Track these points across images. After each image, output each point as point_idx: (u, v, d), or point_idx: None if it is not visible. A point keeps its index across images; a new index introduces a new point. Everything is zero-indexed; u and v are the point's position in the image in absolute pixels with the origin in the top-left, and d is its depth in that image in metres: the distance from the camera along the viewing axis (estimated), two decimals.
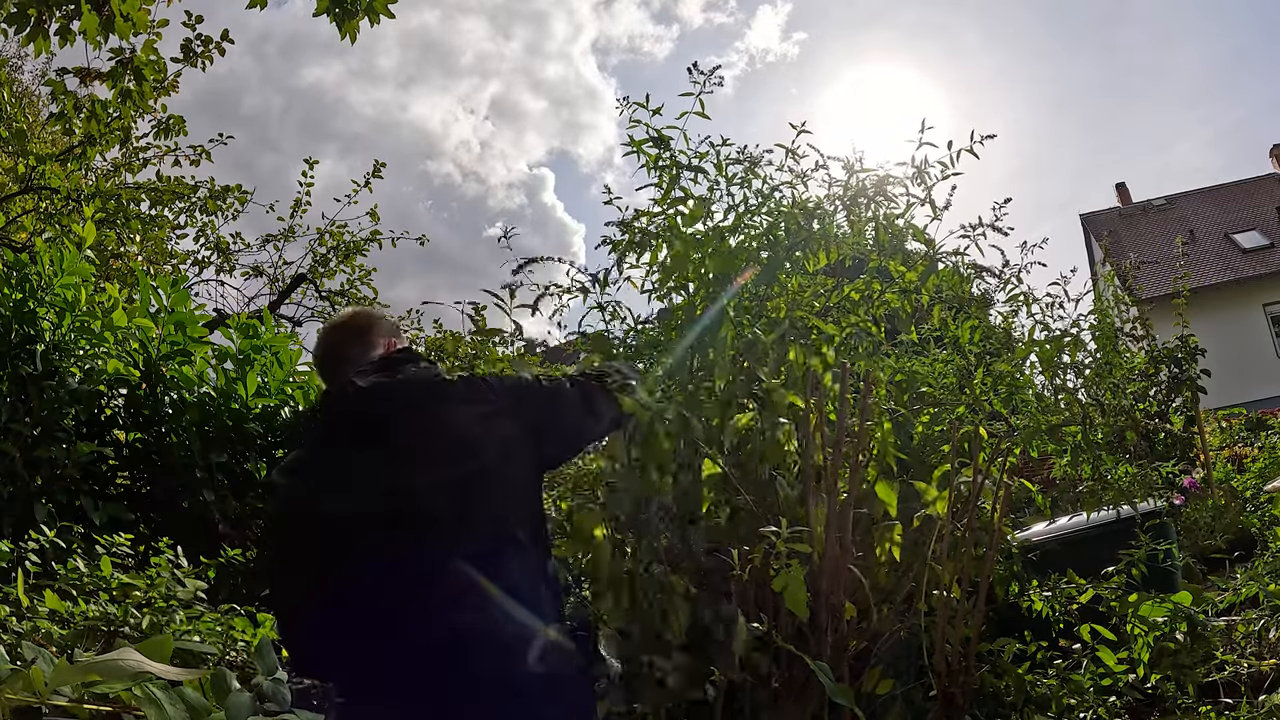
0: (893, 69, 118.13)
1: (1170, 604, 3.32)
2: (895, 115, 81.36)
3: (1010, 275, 3.76)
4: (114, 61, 4.36)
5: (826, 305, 3.41)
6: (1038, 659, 3.31)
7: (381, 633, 1.43)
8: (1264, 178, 26.57)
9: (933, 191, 3.08)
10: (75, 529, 2.73)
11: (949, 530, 2.79)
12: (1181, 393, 7.07)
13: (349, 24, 3.81)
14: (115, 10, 3.71)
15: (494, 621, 1.42)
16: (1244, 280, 21.99)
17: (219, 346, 3.81)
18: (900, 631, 2.78)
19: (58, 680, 1.26)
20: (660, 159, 3.12)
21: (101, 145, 5.72)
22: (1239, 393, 15.59)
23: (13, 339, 3.11)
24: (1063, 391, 4.04)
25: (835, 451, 2.72)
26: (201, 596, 2.49)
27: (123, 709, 1.60)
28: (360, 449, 1.58)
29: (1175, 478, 6.25)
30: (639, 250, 3.20)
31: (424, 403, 1.64)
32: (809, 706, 2.58)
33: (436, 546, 1.48)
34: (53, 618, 2.10)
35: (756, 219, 3.12)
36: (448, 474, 1.54)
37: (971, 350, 4.20)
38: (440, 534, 1.50)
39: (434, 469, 1.54)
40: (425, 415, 1.62)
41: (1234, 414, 10.71)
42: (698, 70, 3.05)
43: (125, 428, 3.48)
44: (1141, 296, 11.20)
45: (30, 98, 12.60)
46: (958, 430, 2.96)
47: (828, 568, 2.56)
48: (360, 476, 1.56)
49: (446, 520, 1.51)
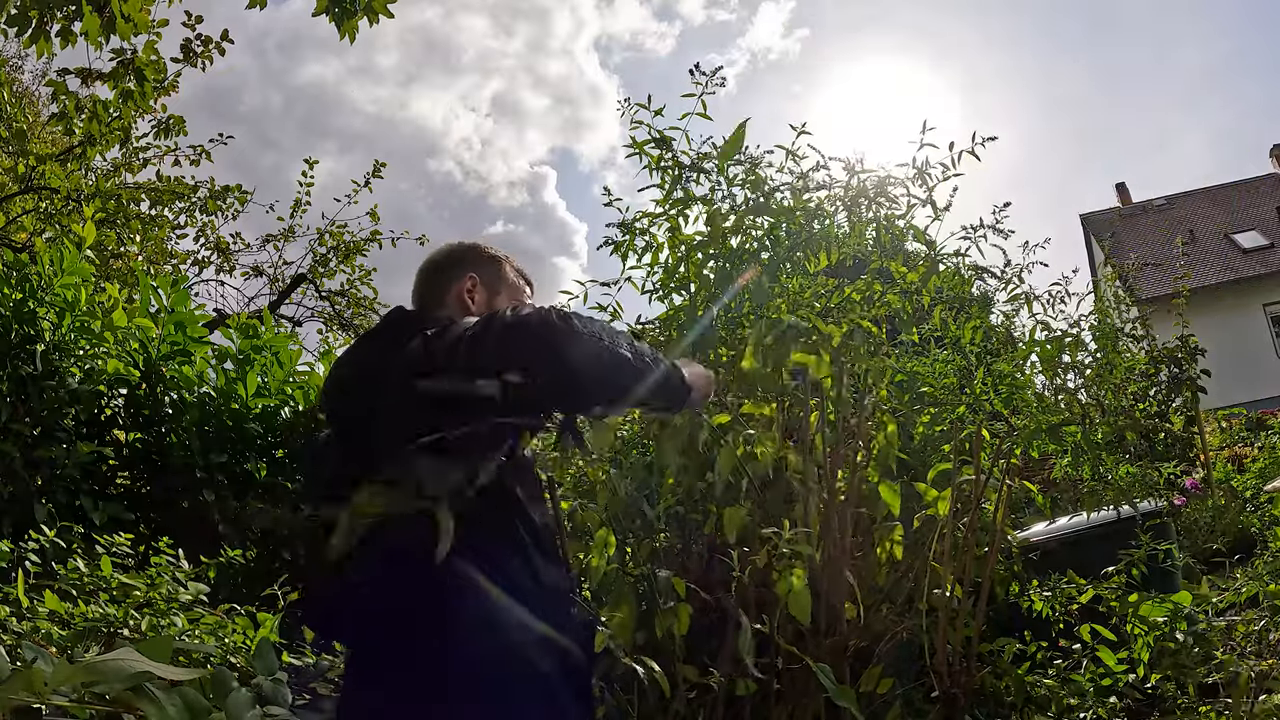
0: (894, 68, 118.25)
1: (1170, 604, 3.31)
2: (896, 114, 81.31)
3: (1011, 275, 3.76)
4: (115, 62, 4.36)
5: (827, 306, 3.41)
6: (1038, 659, 3.31)
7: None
8: (1264, 178, 26.58)
9: (934, 193, 3.09)
10: (75, 529, 2.73)
11: (950, 530, 2.79)
12: (1181, 393, 7.07)
13: (348, 23, 3.81)
14: (116, 11, 3.71)
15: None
16: (1244, 280, 21.99)
17: (219, 346, 3.81)
18: (901, 632, 2.78)
19: (57, 680, 1.26)
20: (662, 160, 3.13)
21: (102, 145, 5.73)
22: (1239, 393, 15.58)
23: (13, 339, 3.11)
24: (1063, 391, 4.04)
25: (835, 452, 2.72)
26: (203, 598, 2.49)
27: (123, 709, 1.60)
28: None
29: (1176, 479, 6.25)
30: (640, 251, 3.20)
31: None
32: (809, 707, 2.58)
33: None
34: (53, 618, 2.10)
35: (757, 219, 3.12)
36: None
37: (972, 350, 4.20)
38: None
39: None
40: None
41: (1234, 414, 10.72)
42: (699, 71, 3.06)
43: (125, 428, 3.48)
44: (1141, 296, 11.20)
45: (30, 98, 12.60)
46: (959, 430, 2.96)
47: (828, 569, 2.56)
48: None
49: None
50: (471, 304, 1.60)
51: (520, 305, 1.59)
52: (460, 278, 1.63)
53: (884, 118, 58.25)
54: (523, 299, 1.68)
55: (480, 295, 1.62)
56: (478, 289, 1.62)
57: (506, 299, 1.64)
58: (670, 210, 3.13)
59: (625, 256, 3.22)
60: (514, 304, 1.58)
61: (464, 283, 1.62)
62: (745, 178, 3.16)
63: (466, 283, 1.62)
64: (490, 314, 1.37)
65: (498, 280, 1.66)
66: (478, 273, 1.64)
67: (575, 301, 3.40)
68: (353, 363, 1.57)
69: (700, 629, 2.58)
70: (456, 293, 1.61)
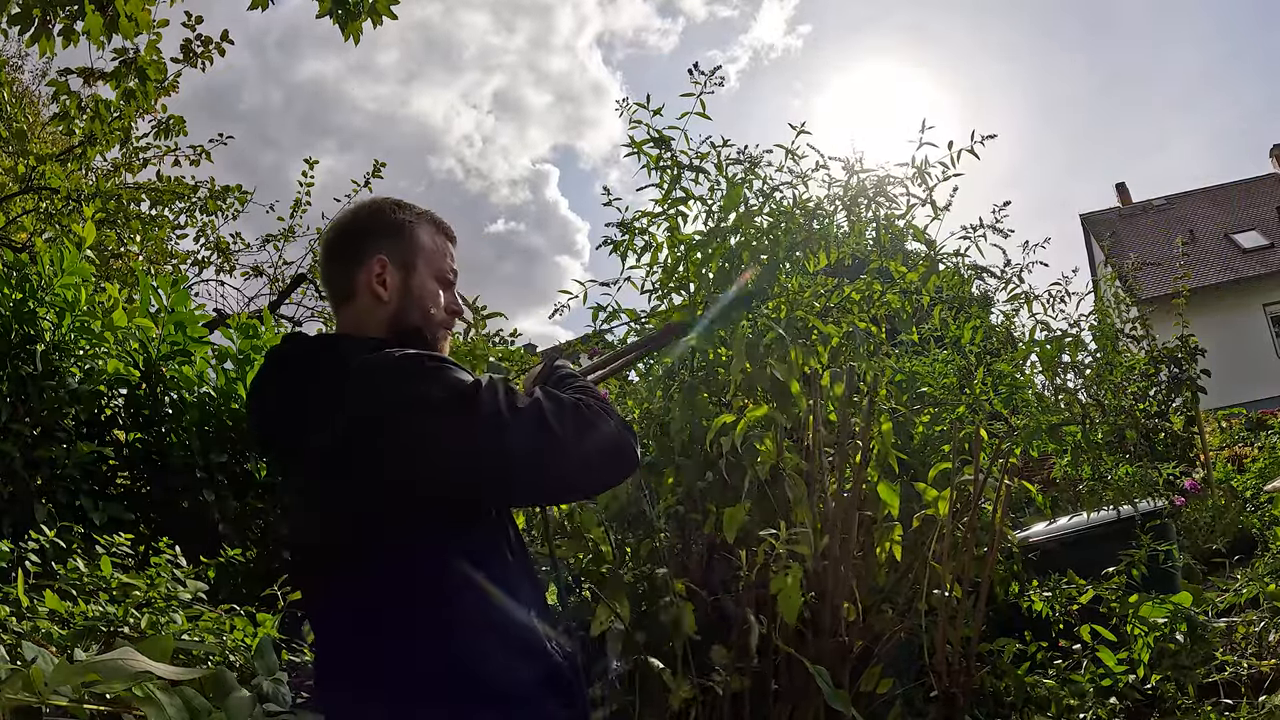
0: (895, 68, 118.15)
1: (1170, 605, 3.32)
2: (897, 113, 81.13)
3: (1011, 275, 3.76)
4: (117, 61, 4.36)
5: (827, 305, 3.41)
6: (1038, 659, 3.31)
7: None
8: (1264, 178, 26.58)
9: (934, 192, 3.08)
10: (75, 529, 2.73)
11: (949, 530, 2.79)
12: (1181, 393, 7.06)
13: (352, 25, 3.81)
14: (119, 10, 3.72)
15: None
16: (1244, 280, 22.00)
17: (219, 346, 3.80)
18: (900, 632, 2.78)
19: (57, 680, 1.26)
20: (661, 159, 3.13)
21: (102, 145, 5.73)
22: (1239, 393, 15.58)
23: (13, 339, 3.11)
24: (1063, 391, 4.04)
25: (836, 452, 2.72)
26: (202, 597, 2.49)
27: (123, 709, 1.60)
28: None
29: (1176, 479, 6.25)
30: (640, 251, 3.20)
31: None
32: (809, 707, 2.58)
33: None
34: (52, 618, 2.10)
35: (757, 219, 3.12)
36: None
37: (972, 350, 4.20)
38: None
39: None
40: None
41: (1234, 414, 10.71)
42: (698, 71, 3.06)
43: (125, 428, 3.48)
44: (1141, 296, 11.20)
45: (30, 98, 12.60)
46: (958, 430, 2.96)
47: (829, 569, 2.56)
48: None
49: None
50: (384, 291, 1.38)
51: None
52: (365, 261, 1.38)
53: (885, 117, 58.22)
54: (445, 264, 1.46)
55: (393, 279, 1.39)
56: (389, 272, 1.39)
57: (424, 273, 1.42)
58: (669, 210, 3.13)
59: (625, 256, 3.23)
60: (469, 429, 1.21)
61: (371, 266, 1.38)
62: (745, 177, 3.16)
63: (375, 267, 1.38)
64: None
65: (412, 252, 1.41)
66: (387, 251, 1.39)
67: (575, 302, 3.40)
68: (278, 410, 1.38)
69: (701, 629, 2.58)
70: (365, 281, 1.38)
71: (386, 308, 1.39)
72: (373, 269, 1.38)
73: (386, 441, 1.20)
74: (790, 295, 3.20)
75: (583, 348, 4.25)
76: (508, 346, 4.37)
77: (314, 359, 1.34)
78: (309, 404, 1.30)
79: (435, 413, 1.19)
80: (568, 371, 1.54)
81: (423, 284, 1.42)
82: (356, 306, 1.40)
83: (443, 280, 1.46)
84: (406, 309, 1.40)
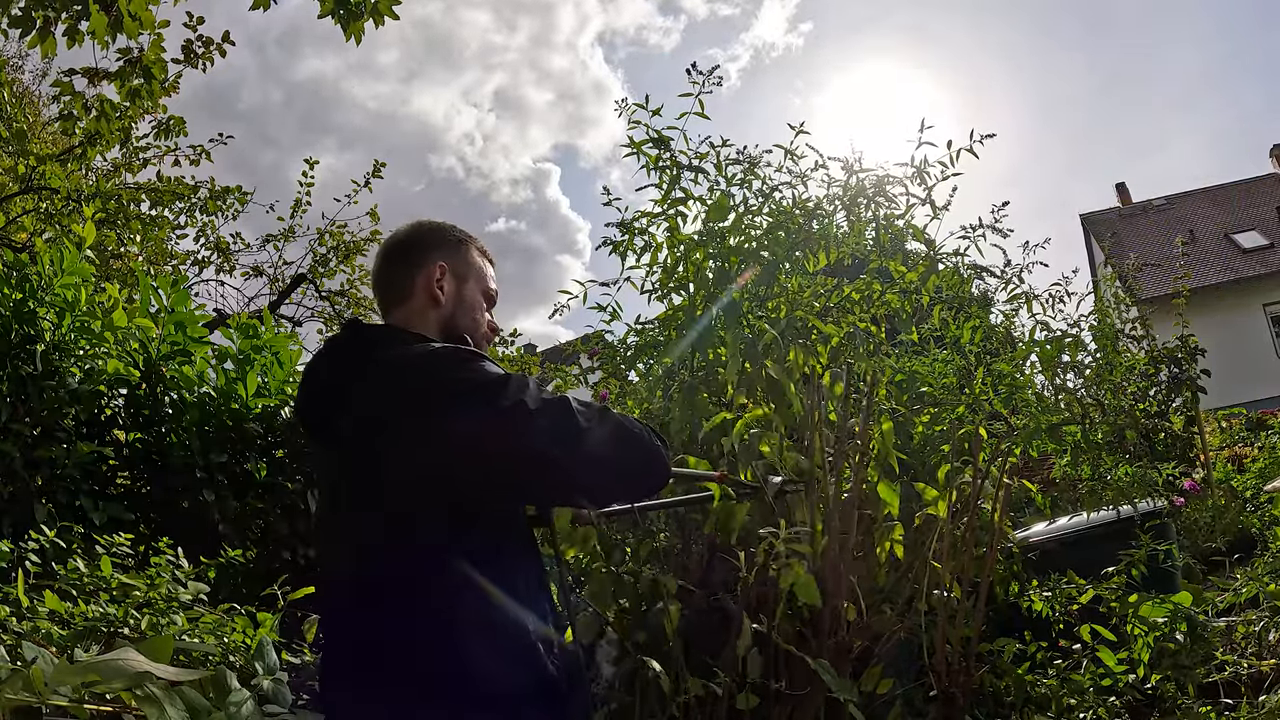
0: (895, 67, 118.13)
1: (1170, 604, 3.32)
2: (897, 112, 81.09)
3: (1011, 275, 3.76)
4: (122, 61, 4.36)
5: (827, 305, 3.41)
6: (1038, 659, 3.31)
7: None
8: (1264, 178, 26.58)
9: (933, 192, 3.09)
10: (75, 529, 2.73)
11: (949, 530, 2.79)
12: (1181, 393, 7.06)
13: (354, 25, 3.81)
14: (123, 10, 3.72)
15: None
16: (1244, 280, 21.99)
17: (219, 346, 3.80)
18: (900, 632, 2.78)
19: (57, 680, 1.26)
20: (660, 160, 3.13)
21: (102, 145, 5.73)
22: (1239, 393, 15.58)
23: (13, 339, 3.11)
24: (1063, 391, 4.04)
25: (835, 452, 2.72)
26: (203, 598, 2.49)
27: (123, 709, 1.61)
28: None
29: (1176, 479, 6.25)
30: (639, 251, 3.20)
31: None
32: (809, 708, 2.58)
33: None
34: (53, 618, 2.10)
35: (757, 219, 3.12)
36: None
37: (972, 350, 4.20)
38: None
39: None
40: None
41: (1234, 414, 10.71)
42: (697, 71, 3.06)
43: (125, 428, 3.48)
44: (1141, 296, 11.20)
45: (30, 98, 12.60)
46: (958, 430, 2.96)
47: (828, 569, 2.56)
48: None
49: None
50: (441, 295, 1.49)
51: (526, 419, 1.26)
52: (428, 265, 1.50)
53: (885, 116, 58.28)
54: (489, 285, 1.58)
55: (449, 285, 1.50)
56: (446, 278, 1.50)
57: (474, 287, 1.54)
58: (668, 210, 3.13)
59: (624, 256, 3.23)
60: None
61: (432, 271, 1.49)
62: (744, 177, 3.16)
63: (435, 271, 1.49)
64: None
65: (466, 266, 1.54)
66: (446, 260, 1.51)
67: (575, 302, 3.40)
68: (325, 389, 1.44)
69: (701, 629, 2.58)
70: (424, 283, 1.48)
71: (440, 311, 1.49)
72: (433, 273, 1.49)
73: (425, 427, 1.25)
74: (790, 295, 3.20)
75: (583, 348, 4.25)
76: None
77: (367, 348, 1.39)
78: (353, 389, 1.35)
79: (468, 400, 1.25)
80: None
81: (473, 296, 1.54)
82: (410, 307, 1.49)
83: (488, 297, 1.58)
84: (458, 314, 1.51)
